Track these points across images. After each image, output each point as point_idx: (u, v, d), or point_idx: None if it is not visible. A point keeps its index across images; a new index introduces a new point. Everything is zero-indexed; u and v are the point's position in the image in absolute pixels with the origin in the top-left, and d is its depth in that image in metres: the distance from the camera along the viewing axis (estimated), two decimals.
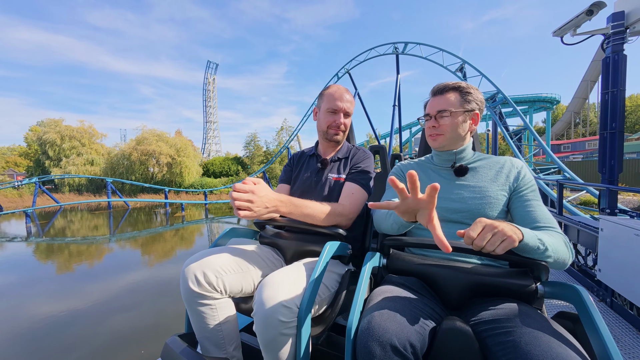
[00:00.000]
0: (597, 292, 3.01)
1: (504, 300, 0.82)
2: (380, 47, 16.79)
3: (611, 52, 4.23)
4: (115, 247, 8.79)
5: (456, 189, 1.05)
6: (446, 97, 1.06)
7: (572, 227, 3.81)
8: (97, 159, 27.09)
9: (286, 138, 29.84)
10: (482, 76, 13.10)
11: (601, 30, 4.35)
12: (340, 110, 1.32)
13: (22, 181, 17.53)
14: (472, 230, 0.69)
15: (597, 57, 32.27)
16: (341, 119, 1.32)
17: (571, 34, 4.69)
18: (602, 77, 4.43)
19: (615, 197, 4.06)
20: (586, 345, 0.69)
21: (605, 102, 4.38)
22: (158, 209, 17.83)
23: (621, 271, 2.46)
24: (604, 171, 4.36)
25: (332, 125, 1.33)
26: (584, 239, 3.58)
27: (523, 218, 0.94)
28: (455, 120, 1.05)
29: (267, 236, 1.31)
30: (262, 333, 0.84)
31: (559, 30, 4.80)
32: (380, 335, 0.67)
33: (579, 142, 33.14)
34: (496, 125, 12.12)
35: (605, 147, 4.34)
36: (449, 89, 1.07)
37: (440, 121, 1.06)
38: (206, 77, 62.37)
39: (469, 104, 1.05)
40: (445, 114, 1.05)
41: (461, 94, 1.05)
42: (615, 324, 2.52)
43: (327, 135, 1.36)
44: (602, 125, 4.46)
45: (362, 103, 18.03)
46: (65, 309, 4.30)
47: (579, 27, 4.61)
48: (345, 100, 1.32)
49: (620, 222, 2.50)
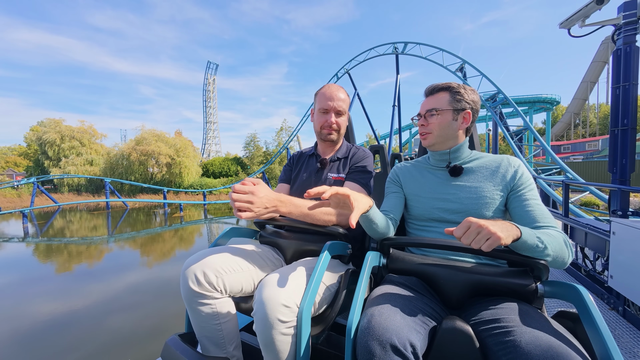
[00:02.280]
0: (608, 300, 2.79)
1: (504, 299, 0.82)
2: (380, 47, 16.73)
3: (622, 44, 3.99)
4: (114, 247, 8.78)
5: (452, 189, 1.06)
6: (437, 97, 1.08)
7: (579, 230, 3.57)
8: (96, 159, 27.07)
9: (286, 138, 29.84)
10: (483, 76, 13.05)
11: (612, 21, 4.12)
12: (331, 110, 1.31)
13: (21, 181, 17.49)
14: (458, 229, 0.72)
15: (597, 58, 32.34)
16: (332, 118, 1.31)
17: (579, 25, 4.47)
18: (612, 71, 4.22)
19: (627, 198, 3.81)
20: (586, 344, 0.69)
21: (616, 97, 4.14)
22: (157, 209, 17.80)
23: (635, 278, 2.26)
24: (614, 170, 4.13)
25: (325, 125, 1.33)
26: (592, 242, 3.34)
27: (522, 217, 0.94)
28: (444, 118, 1.06)
29: (267, 236, 1.31)
30: (262, 332, 0.84)
31: (566, 21, 4.59)
32: (381, 335, 0.67)
33: (579, 143, 33.12)
34: (497, 126, 12.09)
35: (617, 145, 4.10)
36: (439, 89, 1.09)
37: (429, 120, 1.08)
38: (206, 77, 62.36)
39: (458, 103, 1.06)
40: (433, 112, 1.07)
41: (451, 94, 1.06)
42: (629, 334, 2.31)
43: (321, 136, 1.36)
44: (612, 122, 4.20)
45: (362, 103, 17.99)
46: (61, 310, 4.29)
47: (588, 17, 4.38)
48: (336, 99, 1.31)
49: (634, 225, 2.30)
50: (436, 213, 1.05)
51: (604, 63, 32.34)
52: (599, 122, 40.64)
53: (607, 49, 31.03)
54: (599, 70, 32.98)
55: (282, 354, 0.84)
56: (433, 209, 1.06)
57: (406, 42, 15.48)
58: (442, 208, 1.04)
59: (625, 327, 2.43)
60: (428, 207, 1.07)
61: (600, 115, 41.39)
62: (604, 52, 31.57)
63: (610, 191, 4.26)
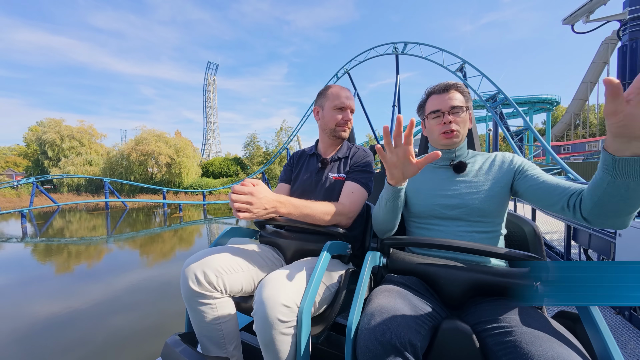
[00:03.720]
0: None
1: (504, 299, 0.82)
2: (379, 47, 16.69)
3: (628, 40, 3.81)
4: (113, 247, 8.76)
5: (454, 185, 1.06)
6: (453, 95, 1.07)
7: (583, 231, 3.51)
8: (96, 159, 27.07)
9: (285, 139, 29.83)
10: (483, 76, 12.99)
11: (617, 16, 3.97)
12: (348, 107, 1.36)
13: (20, 181, 17.48)
14: None
15: (597, 59, 32.36)
16: (349, 115, 1.37)
17: (584, 20, 4.36)
18: (617, 67, 4.11)
19: None
20: (587, 344, 0.68)
21: None
22: (156, 210, 17.79)
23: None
24: None
25: (341, 122, 1.35)
26: (596, 244, 3.26)
27: (543, 195, 0.90)
28: (466, 116, 1.08)
29: (267, 235, 1.31)
30: (262, 332, 0.84)
31: (570, 17, 4.47)
32: (381, 335, 0.67)
33: (579, 144, 33.13)
34: (497, 126, 12.06)
35: None
36: (452, 87, 1.09)
37: (457, 118, 1.06)
38: (206, 77, 62.37)
39: (469, 101, 1.08)
40: (461, 109, 1.06)
41: (462, 93, 1.08)
42: (636, 340, 2.23)
43: (334, 133, 1.37)
44: None
45: (362, 104, 18.00)
46: (60, 310, 4.28)
47: (592, 12, 4.24)
48: (350, 98, 1.38)
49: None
50: (437, 210, 1.05)
51: (604, 64, 32.38)
52: (599, 123, 40.66)
53: (607, 49, 31.07)
54: (599, 71, 33.01)
55: (282, 354, 0.84)
56: (434, 206, 1.06)
57: (406, 42, 15.46)
58: (443, 204, 1.04)
59: (632, 333, 2.34)
60: (429, 204, 1.07)
61: (600, 115, 41.38)
62: (604, 53, 31.61)
63: None
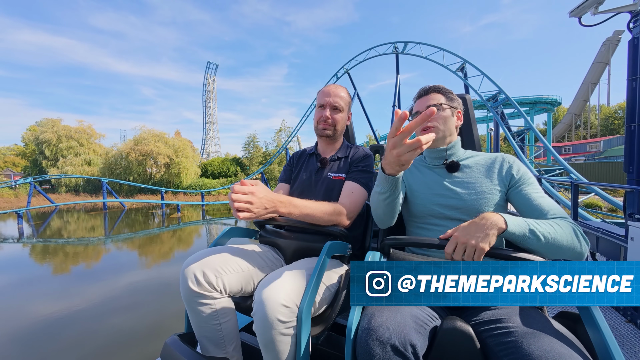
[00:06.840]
0: (624, 312, 2.53)
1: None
2: (380, 46, 16.66)
3: (639, 33, 3.66)
4: (111, 248, 8.73)
5: (450, 185, 1.07)
6: (433, 97, 1.11)
7: (590, 234, 3.37)
8: (94, 159, 26.96)
9: (285, 139, 29.82)
10: (484, 75, 12.94)
11: (627, 7, 3.77)
12: (327, 104, 1.33)
13: (18, 181, 17.36)
14: (448, 246, 0.78)
15: (598, 60, 32.41)
16: (327, 112, 1.32)
17: (592, 12, 4.15)
18: (628, 62, 3.87)
19: None
20: (588, 345, 0.68)
21: (632, 90, 3.78)
22: (155, 210, 17.74)
23: None
24: (631, 170, 3.78)
25: (320, 120, 1.34)
26: (605, 247, 3.12)
27: (528, 213, 0.94)
28: (444, 113, 1.08)
29: (266, 235, 1.31)
30: (261, 333, 0.84)
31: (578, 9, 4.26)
32: (381, 335, 0.67)
33: (580, 144, 33.09)
34: (498, 126, 12.01)
35: (633, 143, 3.72)
36: (432, 90, 1.13)
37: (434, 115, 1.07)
38: (206, 77, 62.30)
39: (452, 101, 1.11)
40: (437, 106, 1.08)
41: (443, 94, 1.11)
42: None
43: (317, 131, 1.38)
44: (628, 118, 3.83)
45: (362, 104, 17.97)
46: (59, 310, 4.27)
47: (601, 4, 4.04)
48: (333, 95, 1.33)
49: None
50: (436, 209, 1.05)
51: (605, 64, 32.44)
52: (600, 124, 40.68)
53: (608, 50, 31.12)
54: (600, 72, 33.07)
55: (282, 354, 0.84)
56: (433, 205, 1.06)
57: (406, 42, 15.46)
58: (441, 204, 1.04)
59: None
60: (427, 204, 1.07)
61: (601, 116, 41.46)
62: (605, 54, 31.66)
63: (626, 193, 3.84)
